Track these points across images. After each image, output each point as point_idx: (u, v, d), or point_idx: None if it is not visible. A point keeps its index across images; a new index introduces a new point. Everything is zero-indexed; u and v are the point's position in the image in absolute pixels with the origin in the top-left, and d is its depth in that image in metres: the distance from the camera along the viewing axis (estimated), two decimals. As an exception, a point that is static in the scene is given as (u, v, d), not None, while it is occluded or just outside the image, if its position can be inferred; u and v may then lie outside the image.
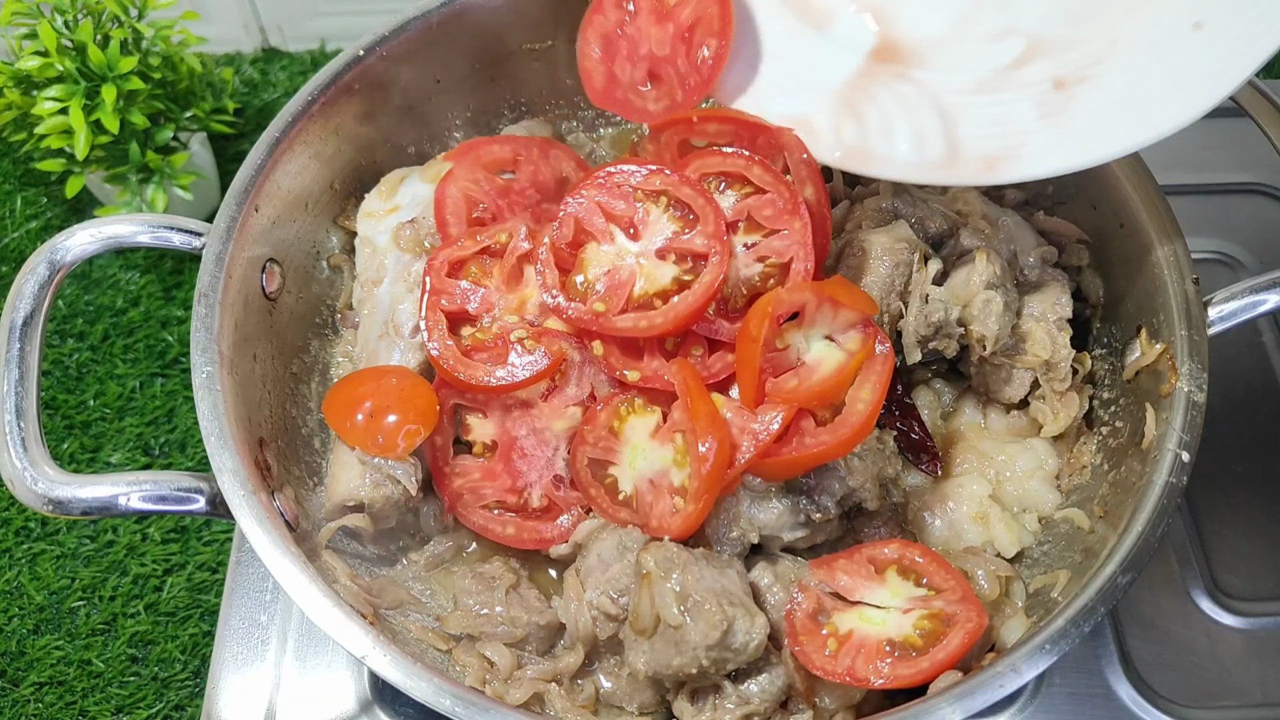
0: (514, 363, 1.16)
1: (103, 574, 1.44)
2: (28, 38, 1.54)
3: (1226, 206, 1.60)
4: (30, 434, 1.04)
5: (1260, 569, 1.30)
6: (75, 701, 1.36)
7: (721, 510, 1.13)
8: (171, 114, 1.62)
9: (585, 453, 1.15)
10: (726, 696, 1.05)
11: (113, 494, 1.03)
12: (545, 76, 1.48)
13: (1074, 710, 1.19)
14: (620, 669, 1.12)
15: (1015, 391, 1.25)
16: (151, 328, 1.64)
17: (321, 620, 0.99)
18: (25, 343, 1.08)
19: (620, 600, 1.09)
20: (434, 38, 1.35)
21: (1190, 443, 1.06)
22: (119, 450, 1.54)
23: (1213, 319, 1.11)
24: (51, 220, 1.77)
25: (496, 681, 1.09)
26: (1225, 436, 1.38)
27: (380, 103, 1.35)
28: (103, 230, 1.14)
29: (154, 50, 1.59)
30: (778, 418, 1.07)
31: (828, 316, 1.12)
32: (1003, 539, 1.19)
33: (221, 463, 1.04)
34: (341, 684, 1.22)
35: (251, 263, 1.20)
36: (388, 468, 1.15)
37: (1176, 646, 1.24)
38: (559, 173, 1.32)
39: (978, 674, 0.96)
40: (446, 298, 1.20)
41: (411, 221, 1.28)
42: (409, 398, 1.16)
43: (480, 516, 1.18)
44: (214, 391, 1.08)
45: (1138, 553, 1.00)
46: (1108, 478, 1.17)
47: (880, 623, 1.06)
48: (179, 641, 1.39)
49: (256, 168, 1.22)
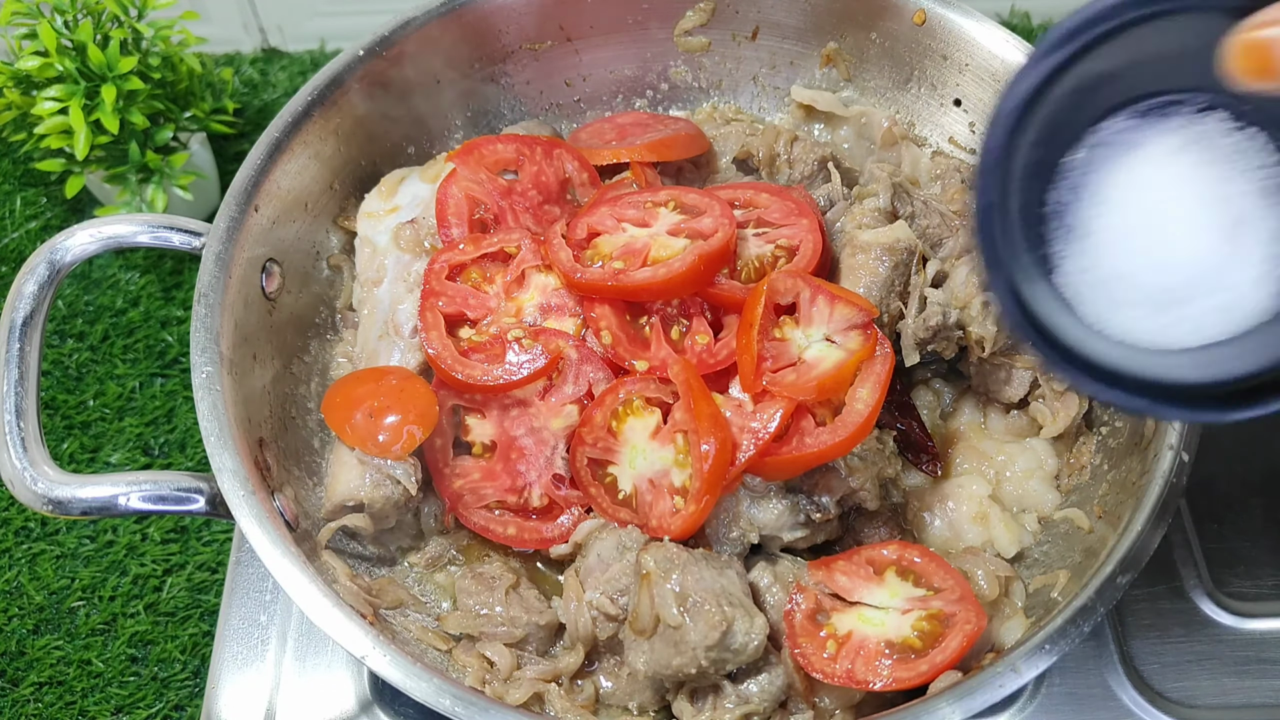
0: (511, 361, 1.16)
1: (102, 574, 1.44)
2: (28, 38, 1.53)
3: (1226, 206, 1.59)
4: (30, 434, 1.04)
5: (1260, 569, 1.30)
6: (75, 701, 1.36)
7: (721, 510, 1.13)
8: (171, 114, 1.62)
9: (584, 453, 1.15)
10: (726, 696, 1.05)
11: (112, 494, 1.03)
12: (545, 76, 1.48)
13: (1074, 710, 1.19)
14: (620, 669, 1.12)
15: (1015, 391, 1.25)
16: (151, 328, 1.64)
17: (321, 620, 0.99)
18: (25, 343, 1.08)
19: (620, 600, 1.09)
20: (434, 38, 1.35)
21: (1190, 443, 1.06)
22: (119, 450, 1.54)
23: (1213, 319, 1.11)
24: (51, 220, 1.77)
25: (496, 682, 1.09)
26: (1225, 436, 1.37)
27: (380, 103, 1.35)
28: (102, 230, 1.14)
29: (154, 50, 1.59)
30: (777, 415, 1.08)
31: (825, 314, 1.13)
32: (1002, 539, 1.19)
33: (221, 463, 1.04)
34: (341, 684, 1.22)
35: (251, 263, 1.20)
36: (387, 468, 1.15)
37: (1176, 646, 1.24)
38: (561, 173, 1.33)
39: (977, 674, 0.96)
40: (445, 300, 1.20)
41: (411, 222, 1.29)
42: (408, 398, 1.16)
43: (480, 517, 1.19)
44: (214, 391, 1.08)
45: (1137, 553, 1.00)
46: (1107, 478, 1.18)
47: (879, 623, 1.06)
48: (179, 641, 1.39)
49: (256, 168, 1.22)
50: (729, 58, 1.51)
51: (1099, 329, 0.79)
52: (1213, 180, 0.76)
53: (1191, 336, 0.78)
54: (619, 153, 1.34)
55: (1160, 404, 0.77)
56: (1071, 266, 0.79)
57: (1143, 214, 0.77)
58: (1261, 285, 0.76)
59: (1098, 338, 0.79)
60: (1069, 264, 0.79)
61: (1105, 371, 0.78)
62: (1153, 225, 0.77)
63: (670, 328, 1.19)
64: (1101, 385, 0.77)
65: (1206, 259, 0.76)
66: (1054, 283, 0.79)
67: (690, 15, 1.46)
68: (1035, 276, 0.79)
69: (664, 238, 1.19)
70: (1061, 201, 0.78)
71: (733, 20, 1.47)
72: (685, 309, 1.20)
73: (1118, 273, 0.77)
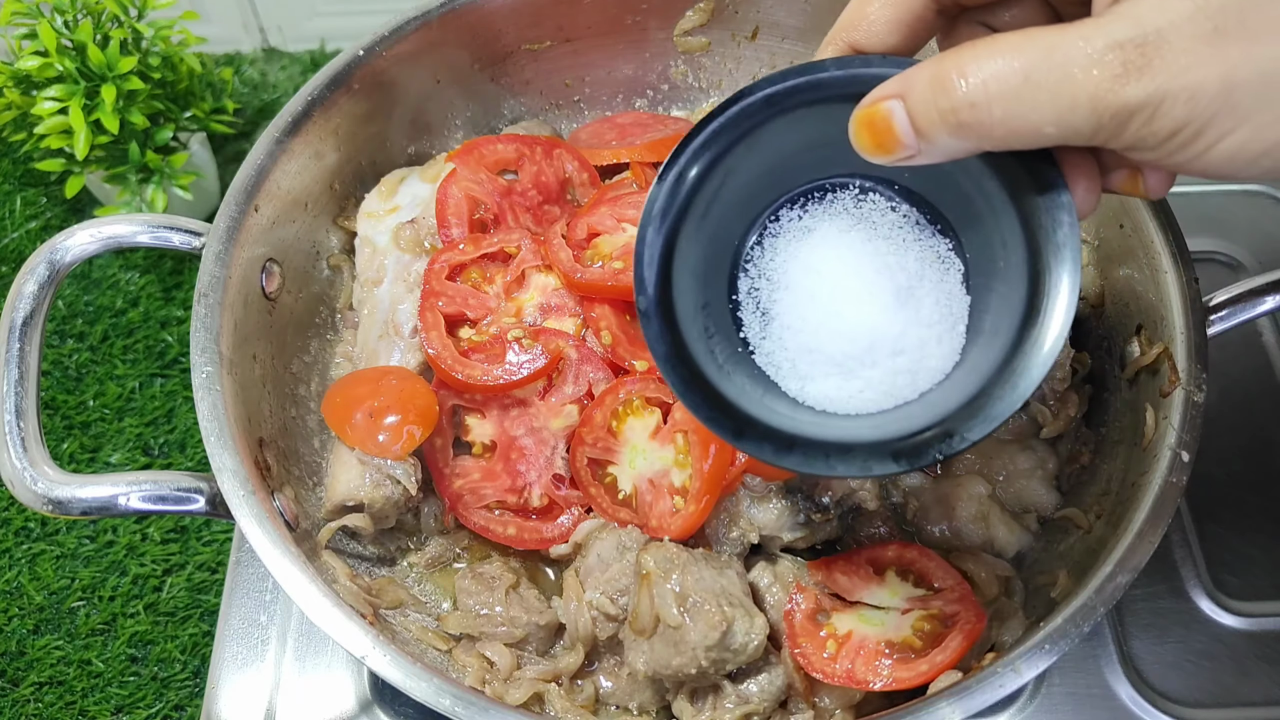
0: (511, 361, 1.16)
1: (102, 574, 1.44)
2: (28, 38, 1.53)
3: (1226, 206, 1.59)
4: (30, 434, 1.04)
5: (1259, 569, 1.30)
6: (75, 701, 1.36)
7: (721, 510, 1.13)
8: (171, 114, 1.62)
9: (584, 453, 1.15)
10: (726, 696, 1.05)
11: (112, 494, 1.03)
12: (545, 76, 1.48)
13: (1074, 710, 1.19)
14: (620, 669, 1.12)
15: (1015, 391, 1.25)
16: (151, 328, 1.64)
17: (321, 620, 0.98)
18: (25, 343, 1.07)
19: (620, 600, 1.09)
20: (434, 38, 1.35)
21: (1190, 442, 1.05)
22: (119, 450, 1.54)
23: (1213, 319, 1.11)
24: (51, 220, 1.77)
25: (496, 681, 1.09)
26: (1225, 436, 1.38)
27: (380, 103, 1.35)
28: (102, 230, 1.14)
29: (154, 50, 1.59)
30: (777, 417, 1.08)
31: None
32: (1002, 539, 1.19)
33: (221, 463, 1.04)
34: (341, 684, 1.22)
35: (251, 263, 1.20)
36: (387, 468, 1.15)
37: (1176, 646, 1.24)
38: (562, 173, 1.33)
39: (977, 674, 0.96)
40: (445, 300, 1.20)
41: (411, 222, 1.28)
42: (408, 398, 1.16)
43: (481, 517, 1.18)
44: (214, 391, 1.08)
45: (1137, 552, 1.00)
46: (1107, 477, 1.17)
47: (879, 623, 1.06)
48: (179, 641, 1.39)
49: (256, 168, 1.22)
50: (729, 58, 1.51)
51: (801, 401, 0.86)
52: (879, 254, 0.85)
53: (887, 399, 0.85)
54: (619, 153, 1.34)
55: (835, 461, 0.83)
56: (768, 347, 0.87)
57: (819, 291, 0.85)
58: (942, 343, 0.84)
59: (800, 410, 0.86)
60: (765, 345, 0.87)
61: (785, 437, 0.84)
62: (830, 300, 0.85)
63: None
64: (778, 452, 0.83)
65: (881, 325, 0.83)
66: (756, 363, 0.88)
67: (690, 15, 1.46)
68: (735, 359, 0.87)
69: None
70: (756, 288, 0.88)
71: (732, 20, 1.47)
72: (686, 309, 1.20)
73: (805, 346, 0.86)
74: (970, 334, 0.85)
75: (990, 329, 0.83)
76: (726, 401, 0.85)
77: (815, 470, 0.83)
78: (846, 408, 0.85)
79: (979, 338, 0.84)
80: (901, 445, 0.82)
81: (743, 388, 0.86)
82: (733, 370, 0.87)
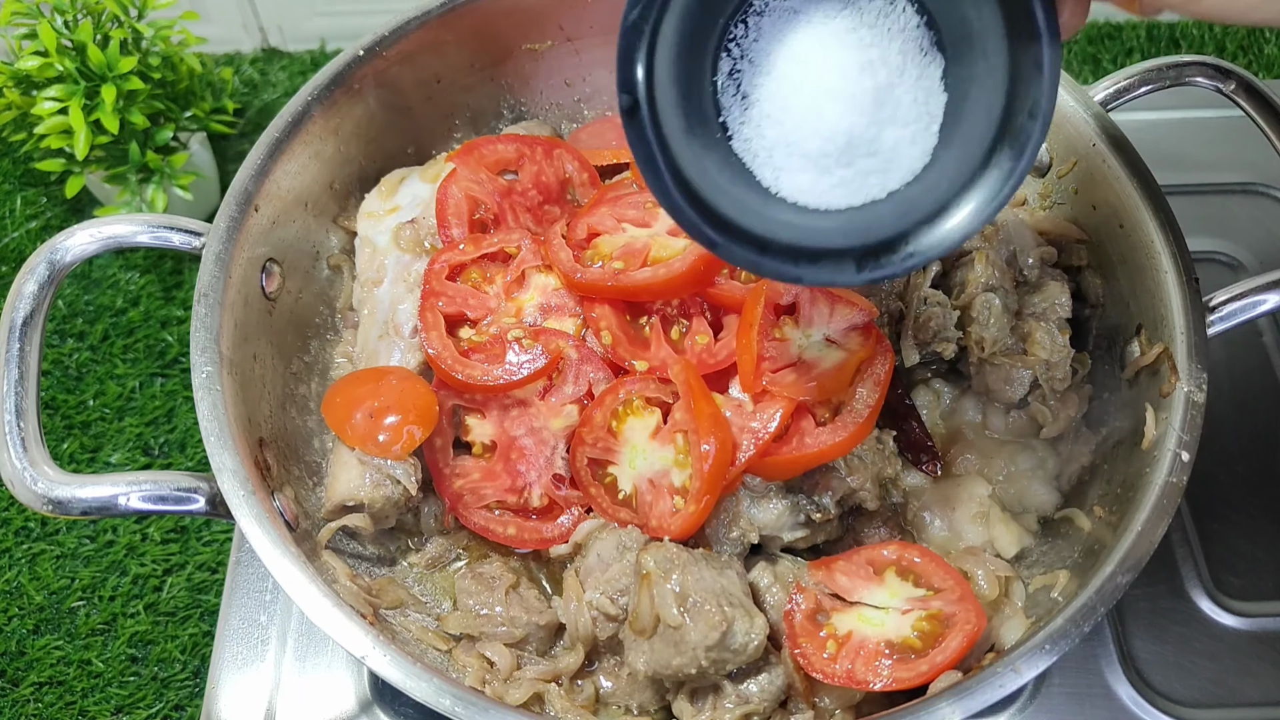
0: (511, 361, 1.16)
1: (102, 574, 1.44)
2: (28, 38, 1.53)
3: (1226, 206, 1.59)
4: (30, 434, 1.04)
5: (1260, 569, 1.30)
6: (75, 701, 1.36)
7: (721, 510, 1.13)
8: (171, 114, 1.62)
9: (584, 453, 1.15)
10: (726, 696, 1.05)
11: (112, 494, 1.03)
12: (545, 76, 1.48)
13: (1074, 710, 1.19)
14: (620, 669, 1.12)
15: (1015, 391, 1.25)
16: (151, 328, 1.64)
17: (321, 620, 0.98)
18: (25, 343, 1.07)
19: (620, 600, 1.09)
20: (434, 38, 1.35)
21: (1190, 443, 1.06)
22: (119, 450, 1.54)
23: (1213, 319, 1.11)
24: (51, 220, 1.77)
25: (496, 682, 1.09)
26: (1225, 436, 1.38)
27: (380, 103, 1.35)
28: (102, 230, 1.14)
29: (154, 50, 1.59)
30: (777, 415, 1.08)
31: (825, 314, 1.13)
32: (1003, 539, 1.19)
33: (221, 463, 1.04)
34: (341, 684, 1.22)
35: (251, 263, 1.20)
36: (387, 468, 1.15)
37: (1176, 646, 1.24)
38: (562, 173, 1.33)
39: (977, 674, 0.96)
40: (445, 300, 1.20)
41: (411, 222, 1.28)
42: (409, 398, 1.16)
43: (481, 517, 1.18)
44: (214, 391, 1.08)
45: (1137, 552, 1.00)
46: (1107, 478, 1.17)
47: (879, 623, 1.06)
48: (179, 641, 1.39)
49: (256, 168, 1.22)
50: (729, 58, 1.51)
51: (775, 191, 0.85)
52: (863, 45, 0.81)
53: (857, 196, 0.84)
54: (619, 153, 1.34)
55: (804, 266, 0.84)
56: (746, 133, 0.84)
57: (800, 81, 0.82)
58: (915, 144, 0.83)
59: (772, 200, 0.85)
60: (744, 130, 0.84)
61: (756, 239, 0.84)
62: (812, 96, 0.82)
63: (670, 328, 1.19)
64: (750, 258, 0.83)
65: (858, 123, 0.81)
66: (733, 149, 0.85)
67: (690, 15, 1.46)
68: (710, 144, 0.84)
69: (664, 238, 1.19)
70: (738, 70, 0.84)
71: (733, 20, 1.47)
72: (685, 309, 1.20)
73: (784, 139, 0.83)
74: (943, 134, 0.83)
75: (963, 136, 0.83)
76: (704, 202, 0.84)
77: (784, 275, 0.84)
78: (818, 202, 0.85)
79: (952, 140, 0.83)
80: (865, 254, 0.83)
81: (717, 180, 0.85)
82: (708, 159, 0.85)
